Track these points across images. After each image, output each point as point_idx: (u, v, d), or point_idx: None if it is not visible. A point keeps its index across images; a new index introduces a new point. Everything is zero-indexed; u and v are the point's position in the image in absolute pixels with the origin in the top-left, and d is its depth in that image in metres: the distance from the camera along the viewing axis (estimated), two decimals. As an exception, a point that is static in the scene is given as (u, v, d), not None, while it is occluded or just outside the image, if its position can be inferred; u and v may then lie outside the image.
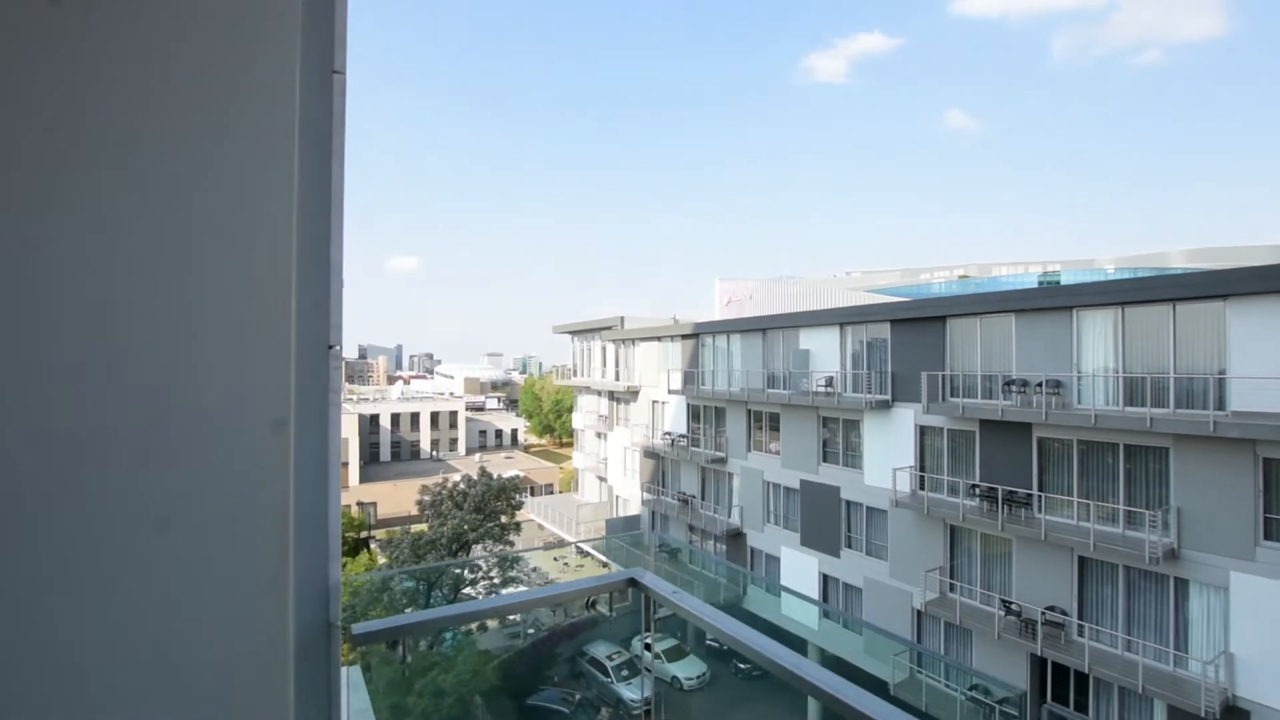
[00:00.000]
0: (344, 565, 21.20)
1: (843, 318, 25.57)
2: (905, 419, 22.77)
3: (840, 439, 25.75)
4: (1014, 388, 19.16)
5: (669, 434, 36.10)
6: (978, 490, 20.16)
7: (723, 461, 31.95)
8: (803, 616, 27.84)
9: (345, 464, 70.09)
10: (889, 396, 23.22)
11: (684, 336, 35.54)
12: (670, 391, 35.56)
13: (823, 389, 25.57)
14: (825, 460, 26.37)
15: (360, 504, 69.22)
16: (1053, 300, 18.19)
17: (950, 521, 21.03)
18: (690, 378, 34.17)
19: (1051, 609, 18.15)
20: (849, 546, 25.48)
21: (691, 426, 34.89)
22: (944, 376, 21.29)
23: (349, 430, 71.12)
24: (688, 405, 35.04)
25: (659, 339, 38.26)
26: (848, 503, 25.37)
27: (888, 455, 23.37)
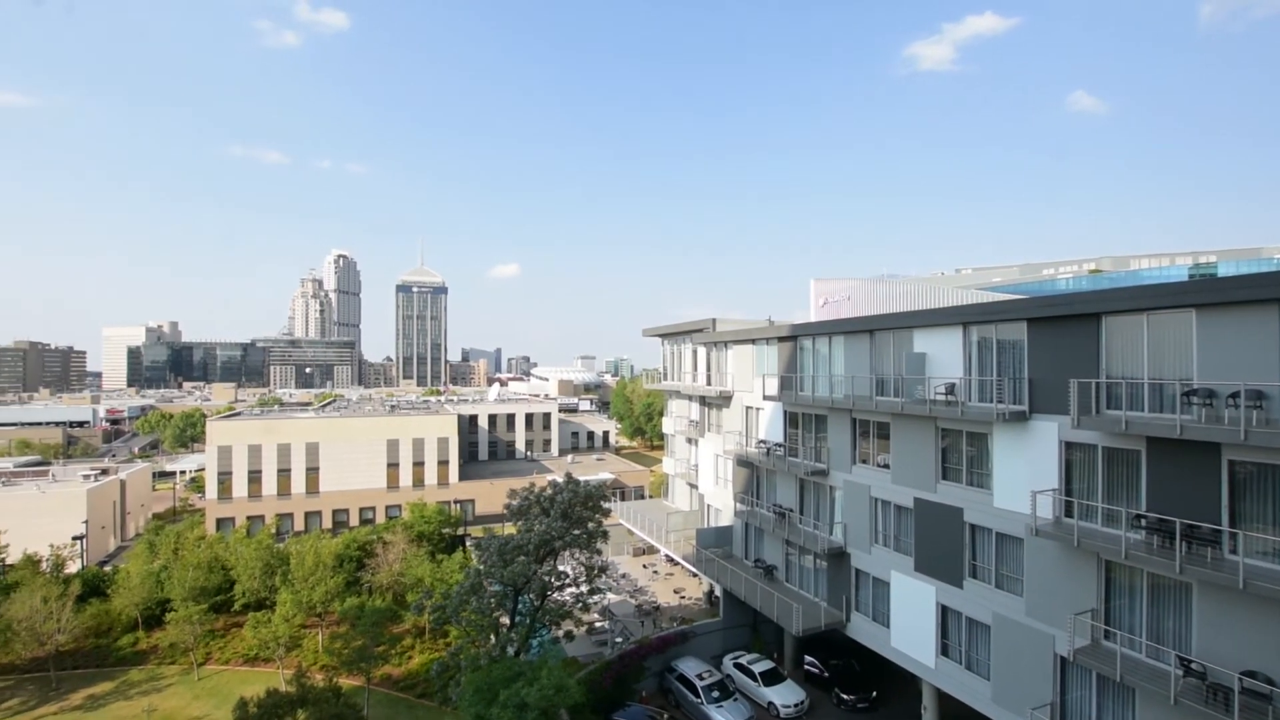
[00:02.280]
0: (440, 562, 20.60)
1: (967, 316, 22.51)
2: (1046, 434, 19.53)
3: (963, 454, 22.68)
4: (1196, 399, 15.71)
5: (764, 442, 33.90)
6: (1144, 522, 16.77)
7: (824, 474, 29.42)
8: (917, 650, 24.97)
9: (445, 462, 72.46)
10: (1025, 407, 20.04)
11: (780, 339, 33.23)
12: (766, 397, 33.35)
13: (942, 397, 22.64)
14: (945, 477, 23.35)
15: (458, 502, 71.38)
16: (1255, 292, 14.63)
17: (1107, 557, 17.68)
18: (788, 383, 31.84)
19: (1252, 675, 14.62)
20: (973, 576, 22.37)
21: (789, 435, 32.53)
22: (1098, 385, 17.98)
23: (449, 430, 73.45)
24: (785, 412, 32.71)
25: (753, 342, 36.12)
26: (972, 527, 22.27)
27: (1023, 475, 20.18)
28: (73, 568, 48.29)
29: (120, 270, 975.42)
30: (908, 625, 25.05)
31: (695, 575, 41.46)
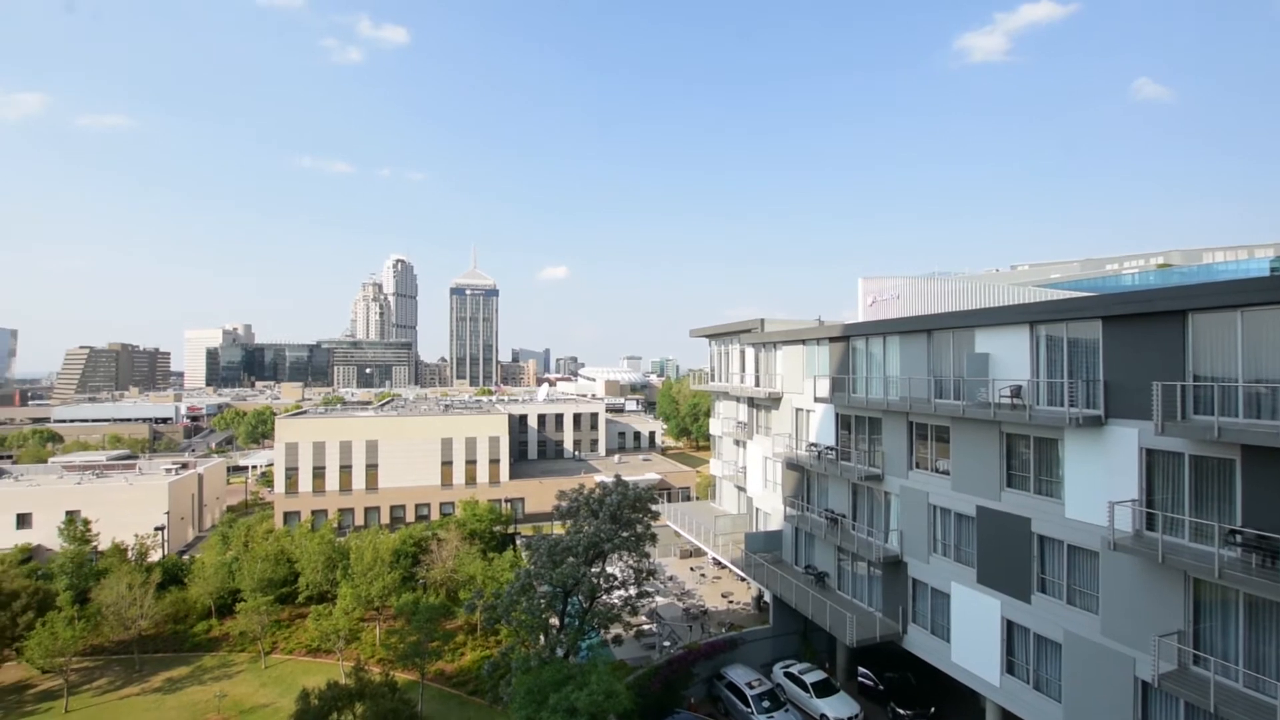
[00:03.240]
0: (491, 561, 20.66)
1: (1035, 315, 21.21)
2: (1125, 440, 18.17)
3: (1031, 461, 21.39)
4: (1299, 404, 14.28)
5: (815, 445, 32.99)
6: (1240, 538, 15.37)
7: (878, 479, 28.36)
8: (979, 666, 23.73)
9: (496, 461, 73.77)
10: (1100, 411, 18.71)
11: (832, 339, 32.25)
12: (816, 399, 32.46)
13: (1007, 400, 21.42)
14: (1010, 485, 22.09)
15: (509, 500, 72.58)
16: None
17: (1196, 575, 16.31)
18: (839, 384, 30.87)
19: (1368, 712, 13.18)
20: (1042, 591, 21.08)
21: (841, 438, 31.54)
22: (1184, 388, 16.60)
23: (500, 429, 74.76)
24: (837, 414, 31.74)
25: (803, 342, 35.22)
26: (1041, 538, 20.98)
27: (1099, 484, 18.85)
28: (154, 557, 51.32)
29: (201, 277, 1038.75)
30: (970, 640, 23.85)
31: (744, 580, 40.79)
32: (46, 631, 34.70)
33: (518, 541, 54.36)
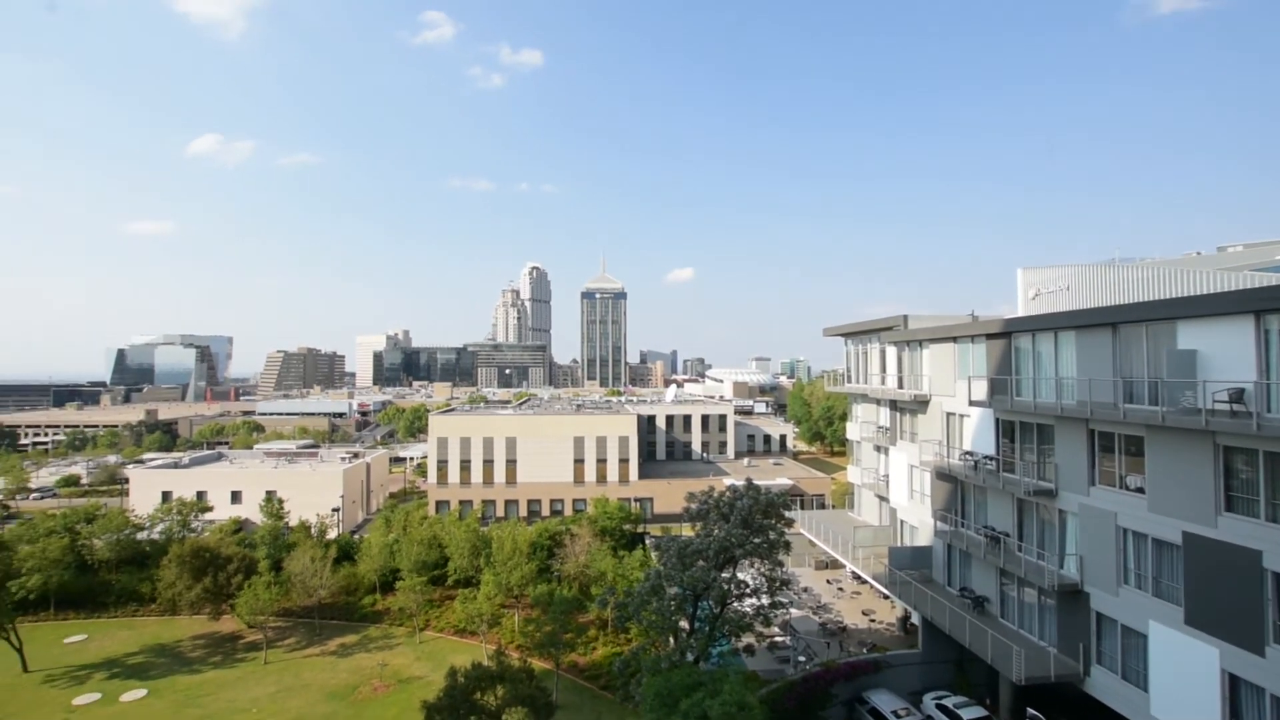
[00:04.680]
0: (621, 558, 20.81)
1: (1265, 302, 17.53)
2: (1400, 459, 14.45)
3: (1259, 481, 17.71)
4: None
5: (971, 454, 29.92)
6: None
7: (1050, 494, 25.08)
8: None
9: (625, 460, 75.12)
10: (1362, 422, 15.05)
11: (989, 336, 29.09)
12: (971, 403, 29.42)
13: (1224, 405, 17.92)
14: (1230, 509, 18.46)
15: (638, 499, 73.59)
16: None
17: None
18: (1000, 386, 27.73)
19: None
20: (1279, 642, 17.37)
21: (1002, 446, 28.34)
22: None
23: (629, 429, 76.09)
24: (997, 420, 28.56)
25: (954, 340, 32.17)
26: (1278, 576, 17.31)
27: (1359, 513, 15.16)
28: (331, 535, 57.80)
29: (369, 289, 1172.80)
30: (1177, 692, 20.22)
31: (887, 598, 38.02)
32: (251, 592, 40.23)
33: (647, 541, 54.83)
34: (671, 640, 28.19)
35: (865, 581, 40.87)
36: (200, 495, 66.82)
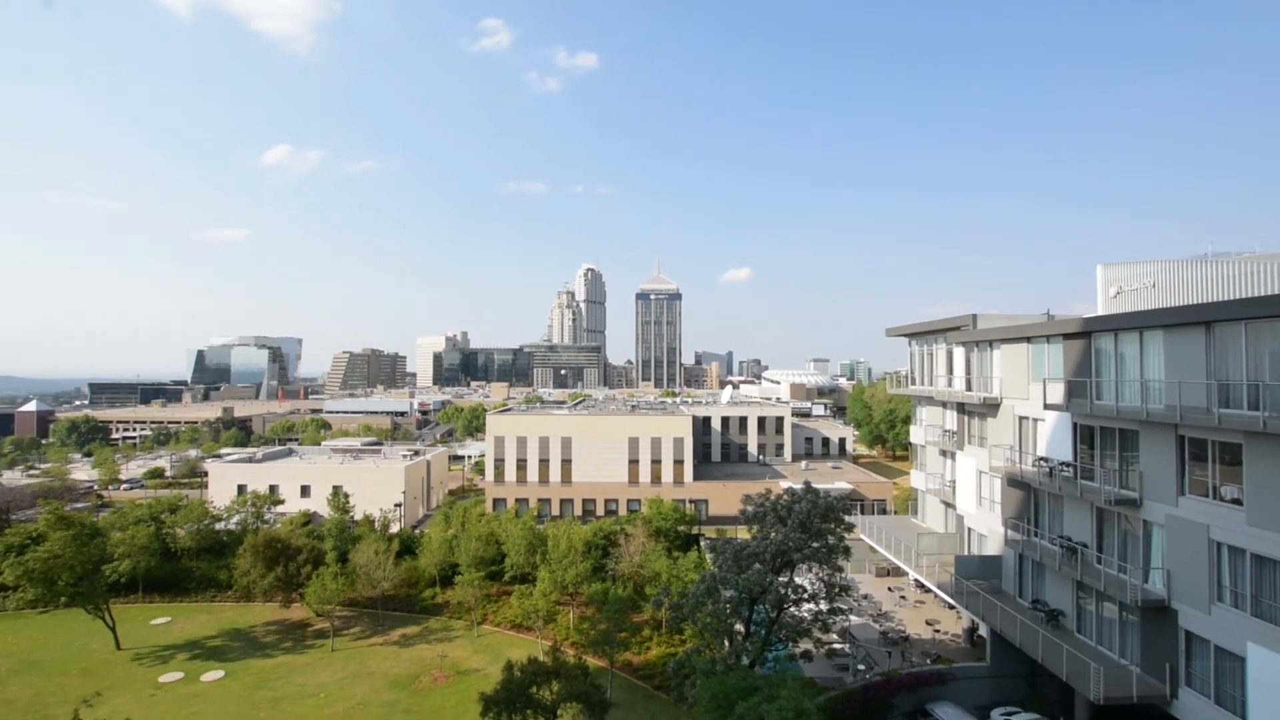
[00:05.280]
0: (676, 559, 20.82)
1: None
2: None
3: (1379, 493, 16.15)
4: None
5: (1045, 460, 28.45)
6: None
7: (1133, 504, 23.57)
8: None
9: (680, 462, 74.88)
10: None
11: (1067, 336, 27.59)
12: (1047, 406, 27.98)
13: (1337, 412, 16.41)
14: (1344, 524, 16.90)
15: (692, 501, 73.23)
16: None
17: None
18: (1078, 389, 26.25)
19: None
20: (1399, 668, 15.76)
21: (1080, 452, 26.83)
22: None
23: (684, 430, 75.83)
24: (1074, 424, 27.06)
25: (1028, 340, 30.66)
26: (1398, 598, 15.72)
27: None
28: (393, 529, 59.87)
29: (430, 289, 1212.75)
30: None
31: (952, 608, 36.54)
32: (319, 582, 42.05)
33: (702, 543, 54.47)
34: (727, 643, 27.88)
35: (929, 590, 39.41)
36: (272, 489, 70.34)
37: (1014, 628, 27.74)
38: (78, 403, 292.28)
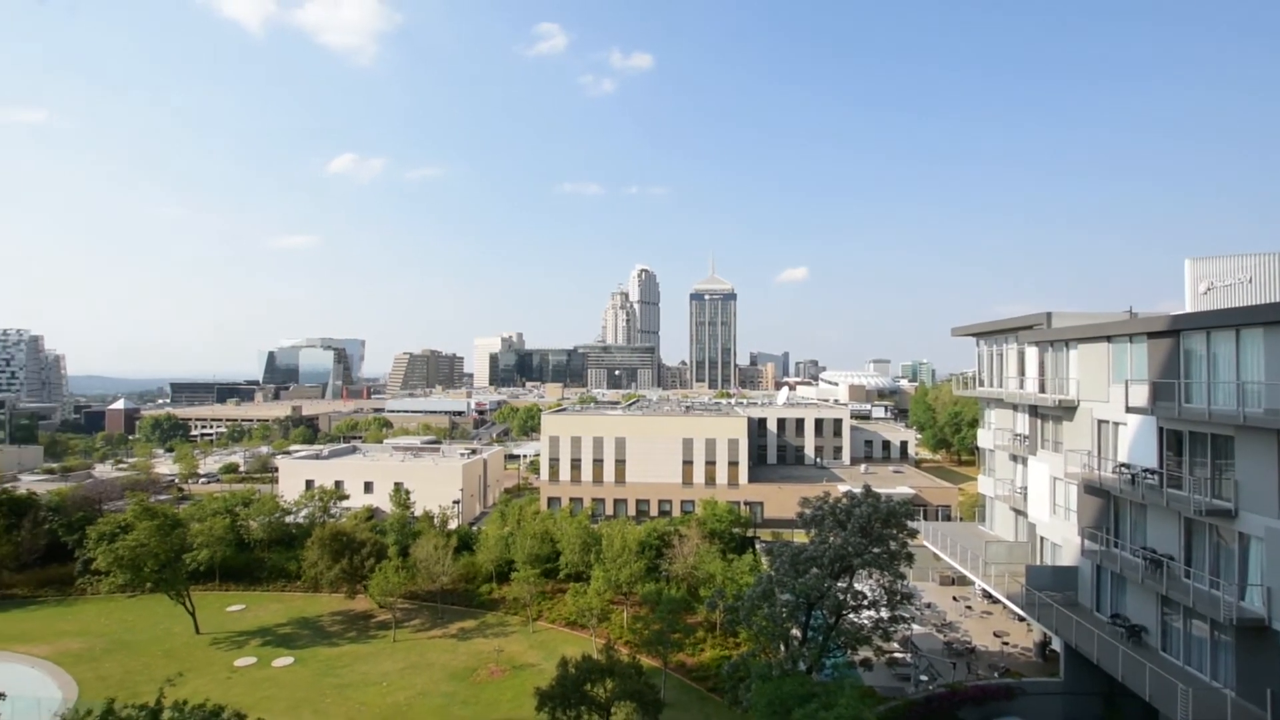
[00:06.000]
0: (730, 562, 20.53)
1: None
2: None
3: None
4: None
5: (1127, 467, 26.68)
6: None
7: (1227, 515, 21.80)
8: None
9: (735, 463, 74.05)
10: None
11: (1151, 335, 25.82)
12: (1129, 409, 26.23)
13: None
14: None
15: (747, 503, 72.26)
16: None
17: None
18: (1164, 391, 24.49)
19: None
20: None
21: (1167, 459, 25.02)
22: None
23: (738, 432, 74.97)
24: (1160, 429, 25.27)
25: (1108, 339, 28.88)
26: None
27: None
28: (452, 525, 61.48)
29: (486, 291, 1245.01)
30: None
31: (1022, 619, 34.75)
32: (382, 575, 43.54)
33: (757, 546, 53.70)
34: (783, 648, 27.32)
35: (997, 601, 37.67)
36: (338, 484, 73.36)
37: (1091, 643, 26.13)
38: (160, 401, 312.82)
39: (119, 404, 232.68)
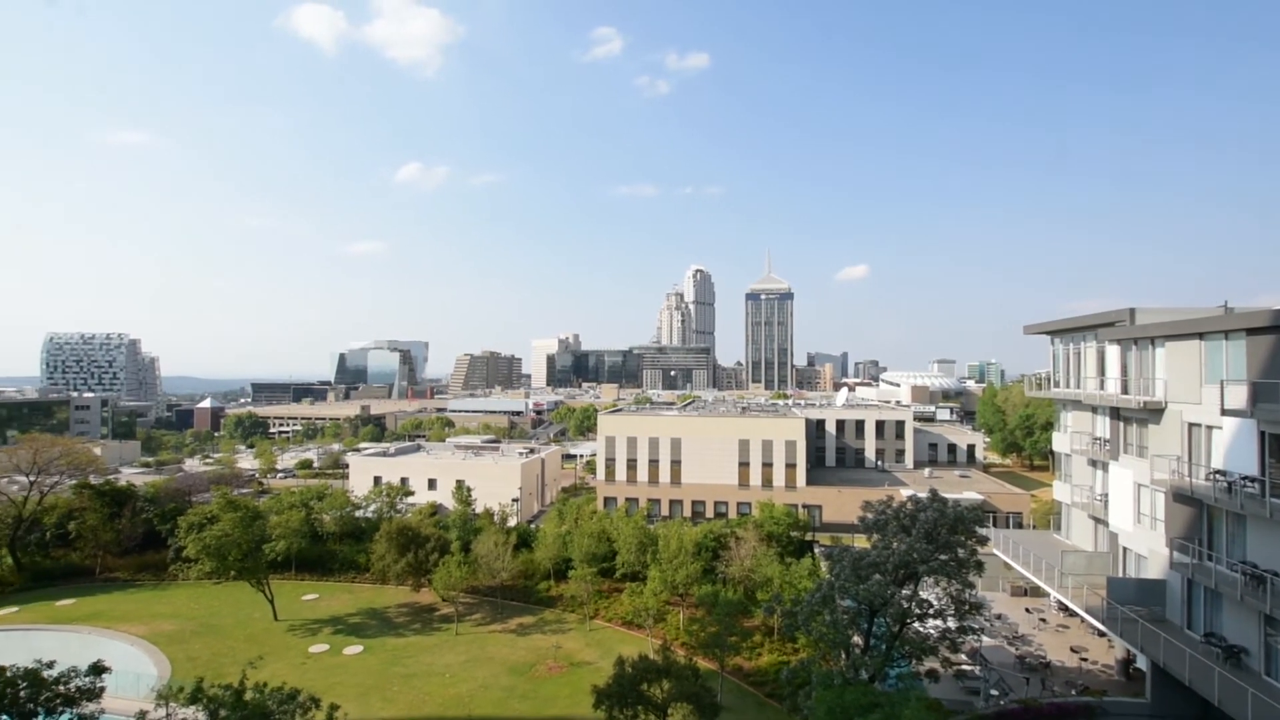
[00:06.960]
0: (789, 565, 20.21)
1: None
2: None
3: None
4: None
5: (1223, 474, 24.74)
6: None
7: (1344, 528, 19.89)
8: None
9: (792, 465, 72.75)
10: None
11: (1251, 331, 23.86)
12: (1225, 412, 24.30)
13: None
14: None
15: (805, 506, 70.82)
16: None
17: None
18: (1266, 392, 22.58)
19: None
20: None
21: (1269, 466, 23.04)
22: None
23: (796, 433, 73.63)
24: (1261, 433, 23.32)
25: (1200, 336, 26.86)
26: None
27: None
28: (511, 522, 62.79)
29: (544, 293, 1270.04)
30: None
31: (1102, 635, 32.73)
32: (445, 569, 44.91)
33: (815, 550, 52.58)
34: (843, 655, 26.63)
35: (1074, 614, 35.62)
36: (404, 481, 76.20)
37: (1182, 663, 24.36)
38: (242, 400, 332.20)
39: (206, 403, 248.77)
